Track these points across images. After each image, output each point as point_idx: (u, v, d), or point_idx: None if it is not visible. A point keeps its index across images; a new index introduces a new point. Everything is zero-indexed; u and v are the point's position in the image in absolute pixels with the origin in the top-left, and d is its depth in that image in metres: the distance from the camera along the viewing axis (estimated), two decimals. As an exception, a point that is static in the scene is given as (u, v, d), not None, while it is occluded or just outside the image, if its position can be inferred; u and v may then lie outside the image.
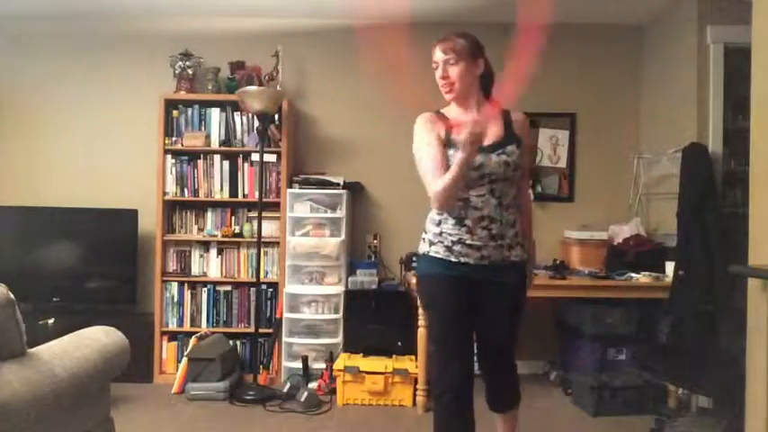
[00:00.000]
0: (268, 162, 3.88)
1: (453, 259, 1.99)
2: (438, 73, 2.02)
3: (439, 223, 2.03)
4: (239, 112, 3.96)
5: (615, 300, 3.59)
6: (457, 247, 1.98)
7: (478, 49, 2.06)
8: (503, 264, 2.01)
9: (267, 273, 3.96)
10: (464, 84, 2.01)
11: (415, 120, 2.11)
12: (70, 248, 3.92)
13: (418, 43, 2.16)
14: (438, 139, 2.00)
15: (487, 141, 1.98)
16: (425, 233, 2.10)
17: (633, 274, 3.49)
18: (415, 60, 4.27)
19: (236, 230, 3.98)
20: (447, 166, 1.94)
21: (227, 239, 3.95)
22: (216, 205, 4.02)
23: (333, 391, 3.50)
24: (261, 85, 3.91)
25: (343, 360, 3.51)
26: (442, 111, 2.11)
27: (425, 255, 2.07)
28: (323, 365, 3.64)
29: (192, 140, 3.92)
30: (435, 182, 1.94)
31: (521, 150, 2.02)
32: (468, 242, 1.97)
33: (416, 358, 3.38)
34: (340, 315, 3.74)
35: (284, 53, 3.97)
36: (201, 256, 4.01)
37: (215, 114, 3.98)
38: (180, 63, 3.95)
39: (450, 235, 2.00)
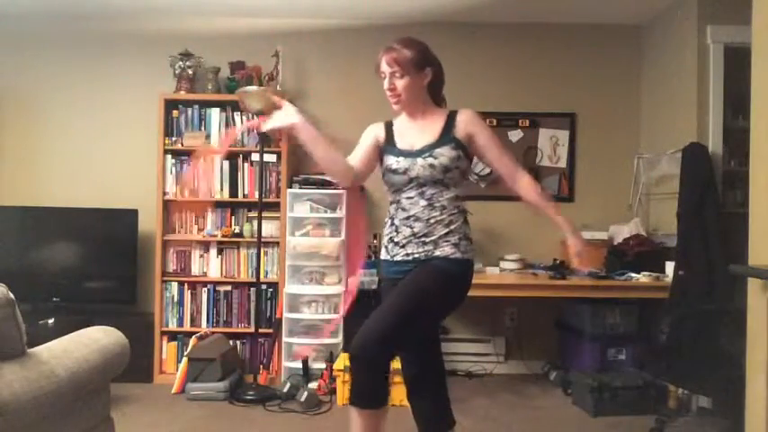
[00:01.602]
0: (268, 162, 3.88)
1: (388, 257, 2.12)
2: (385, 84, 2.05)
3: (384, 225, 2.17)
4: (239, 112, 3.96)
5: (615, 300, 3.60)
6: (389, 246, 2.11)
7: (425, 59, 2.05)
8: (426, 260, 2.02)
9: (267, 273, 3.96)
10: (410, 95, 2.05)
11: None
12: (70, 248, 3.92)
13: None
14: (373, 140, 2.15)
15: (417, 146, 2.05)
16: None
17: (633, 274, 3.49)
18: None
19: (236, 230, 3.98)
20: (368, 160, 2.13)
21: (227, 239, 3.95)
22: (216, 205, 4.02)
23: (333, 391, 3.50)
24: (261, 85, 3.90)
25: (343, 360, 3.51)
26: (393, 120, 2.19)
27: (381, 257, 2.20)
28: (323, 365, 3.64)
29: (191, 140, 3.92)
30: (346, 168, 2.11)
31: (458, 151, 2.03)
32: (395, 240, 2.08)
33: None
34: (340, 315, 3.74)
35: (284, 53, 3.97)
36: (201, 256, 4.01)
37: (215, 114, 3.98)
38: (180, 63, 3.95)
39: (386, 235, 2.14)
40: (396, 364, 3.52)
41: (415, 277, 2.00)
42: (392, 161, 2.07)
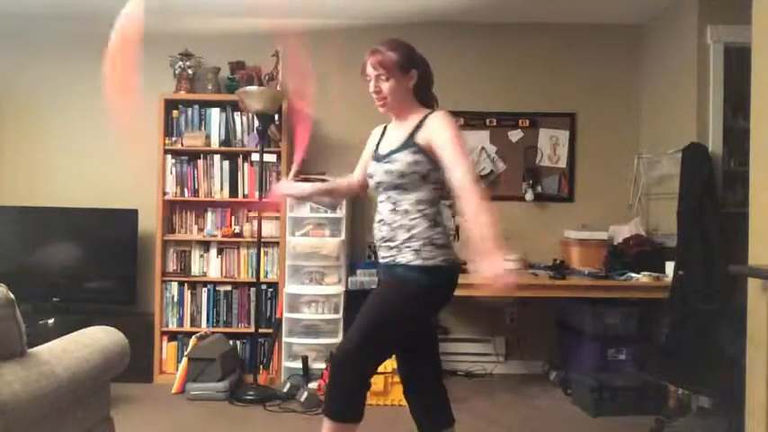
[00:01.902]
0: (268, 162, 3.88)
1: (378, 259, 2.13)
2: (371, 87, 2.05)
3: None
4: (239, 112, 3.96)
5: (615, 300, 3.59)
6: (377, 250, 2.12)
7: (410, 60, 2.04)
8: (392, 265, 2.01)
9: (267, 273, 3.96)
10: (396, 98, 2.04)
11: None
12: (70, 248, 3.92)
13: (418, 43, 2.15)
14: (371, 146, 2.22)
15: (382, 151, 2.09)
16: None
17: (633, 274, 3.49)
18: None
19: (236, 230, 3.98)
20: (364, 181, 2.21)
21: (227, 239, 3.95)
22: (216, 205, 4.02)
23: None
24: (261, 85, 3.90)
25: (343, 360, 3.51)
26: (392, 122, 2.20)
27: None
28: (323, 365, 3.64)
29: (191, 140, 3.92)
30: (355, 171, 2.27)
31: (417, 156, 1.97)
32: (375, 242, 2.12)
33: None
34: (340, 315, 3.74)
35: (284, 53, 3.97)
36: (201, 256, 4.01)
37: (215, 114, 3.98)
38: (180, 63, 3.95)
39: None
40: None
41: (379, 290, 2.06)
42: (371, 165, 2.14)
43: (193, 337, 3.77)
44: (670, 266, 3.38)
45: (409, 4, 3.89)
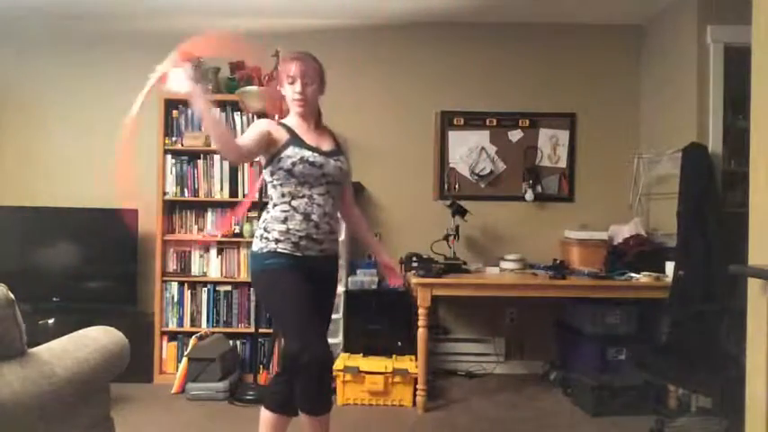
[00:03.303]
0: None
1: (298, 254, 2.17)
2: (296, 88, 2.21)
3: (284, 220, 2.17)
4: (239, 112, 3.96)
5: (615, 300, 3.59)
6: (303, 242, 2.17)
7: (323, 75, 2.32)
8: (331, 255, 2.29)
9: (267, 273, 3.96)
10: (314, 103, 2.29)
11: (414, 120, 2.20)
12: (70, 248, 3.92)
13: (419, 43, 2.16)
14: (267, 133, 2.18)
15: (325, 148, 2.25)
16: (266, 232, 2.19)
17: (633, 274, 3.49)
18: (417, 59, 4.28)
19: (236, 230, 3.98)
20: (260, 143, 2.15)
21: (227, 239, 3.95)
22: (216, 205, 4.02)
23: (333, 391, 3.50)
24: (261, 85, 3.90)
25: (343, 360, 3.51)
26: (284, 121, 2.31)
27: (271, 251, 2.16)
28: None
29: (191, 140, 3.92)
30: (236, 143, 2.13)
31: (348, 163, 2.33)
32: (314, 236, 2.19)
33: (416, 358, 3.38)
34: (340, 315, 3.74)
35: (284, 53, 3.96)
36: (201, 256, 4.01)
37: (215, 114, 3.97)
38: (180, 63, 3.94)
39: (299, 231, 2.17)
40: (399, 363, 3.50)
41: (329, 287, 2.33)
42: (308, 154, 2.17)
43: (193, 337, 3.77)
44: (670, 266, 3.38)
45: (409, 4, 3.89)
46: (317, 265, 2.22)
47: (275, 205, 2.20)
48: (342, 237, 3.78)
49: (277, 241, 2.16)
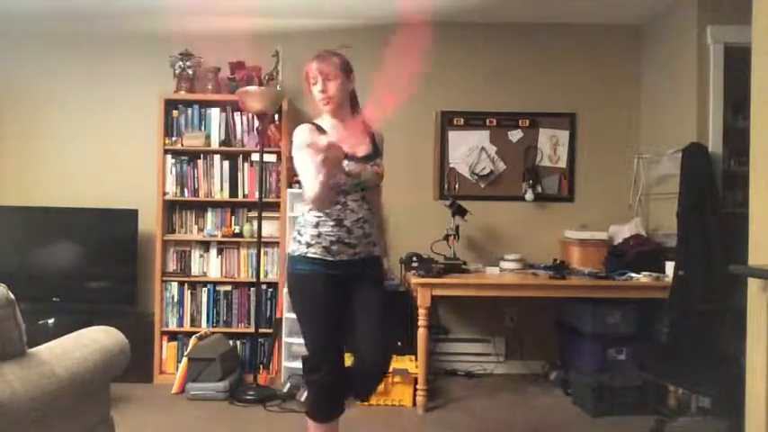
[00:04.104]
0: (268, 162, 3.88)
1: (330, 258, 2.17)
2: (318, 87, 2.19)
3: (317, 225, 2.17)
4: (239, 112, 3.96)
5: (615, 300, 3.59)
6: (335, 247, 2.17)
7: (349, 66, 2.26)
8: (368, 258, 2.26)
9: (267, 273, 3.96)
10: (340, 98, 2.21)
11: (414, 120, 2.19)
12: (70, 248, 3.92)
13: (418, 43, 2.17)
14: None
15: (361, 153, 2.21)
16: (300, 235, 2.21)
17: (633, 274, 3.49)
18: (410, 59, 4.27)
19: (236, 230, 3.98)
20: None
21: (227, 239, 3.95)
22: (216, 205, 4.02)
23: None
24: (261, 85, 3.90)
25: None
26: (316, 121, 2.26)
27: (302, 256, 2.19)
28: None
29: (191, 140, 3.92)
30: (313, 185, 2.02)
31: (382, 163, 2.30)
32: (345, 241, 2.17)
33: (416, 358, 3.38)
34: (340, 315, 3.73)
35: (284, 53, 3.97)
36: (201, 256, 4.01)
37: (215, 114, 3.98)
38: (180, 63, 3.95)
39: (330, 235, 2.16)
40: (399, 363, 3.51)
41: (379, 295, 2.28)
42: (343, 164, 2.11)
43: (193, 337, 3.77)
44: (670, 266, 3.38)
45: (409, 5, 3.89)
46: (352, 268, 2.20)
47: (309, 210, 2.18)
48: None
49: (308, 245, 2.17)
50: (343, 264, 2.17)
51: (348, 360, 2.30)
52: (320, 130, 2.19)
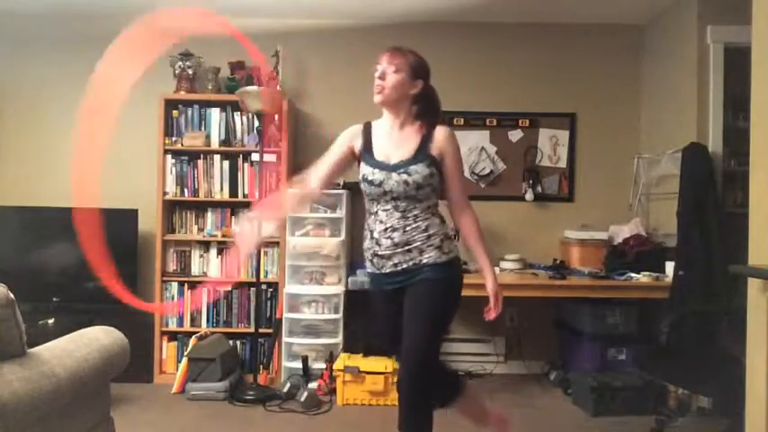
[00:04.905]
0: (268, 162, 3.88)
1: (376, 271, 2.15)
2: (377, 73, 2.09)
3: (364, 238, 2.18)
4: (239, 112, 3.96)
5: (615, 300, 3.60)
6: (375, 260, 2.13)
7: (423, 71, 2.13)
8: (416, 267, 2.08)
9: (267, 273, 3.96)
10: (394, 93, 2.08)
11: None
12: (70, 248, 3.91)
13: (418, 43, 2.16)
14: (347, 149, 2.19)
15: (392, 159, 2.08)
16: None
17: (633, 274, 3.49)
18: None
19: (237, 230, 3.98)
20: (339, 166, 2.21)
21: (227, 239, 3.95)
22: (216, 205, 4.02)
23: (333, 391, 3.50)
24: (261, 85, 3.90)
25: (343, 360, 3.51)
26: (373, 122, 2.21)
27: (367, 271, 2.24)
28: (323, 365, 3.64)
29: (191, 140, 3.92)
30: (313, 174, 2.19)
31: (432, 168, 2.07)
32: (378, 253, 2.11)
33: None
34: (340, 315, 3.74)
35: (284, 53, 3.97)
36: (201, 256, 4.01)
37: (215, 114, 3.98)
38: (180, 63, 3.95)
39: (368, 250, 2.15)
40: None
41: (424, 299, 2.06)
42: (368, 171, 2.10)
43: (193, 337, 3.77)
44: (670, 266, 3.38)
45: (409, 4, 3.89)
46: (400, 279, 2.10)
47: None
48: (342, 237, 3.80)
49: (366, 260, 2.19)
50: (390, 275, 2.11)
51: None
52: (366, 133, 2.16)
